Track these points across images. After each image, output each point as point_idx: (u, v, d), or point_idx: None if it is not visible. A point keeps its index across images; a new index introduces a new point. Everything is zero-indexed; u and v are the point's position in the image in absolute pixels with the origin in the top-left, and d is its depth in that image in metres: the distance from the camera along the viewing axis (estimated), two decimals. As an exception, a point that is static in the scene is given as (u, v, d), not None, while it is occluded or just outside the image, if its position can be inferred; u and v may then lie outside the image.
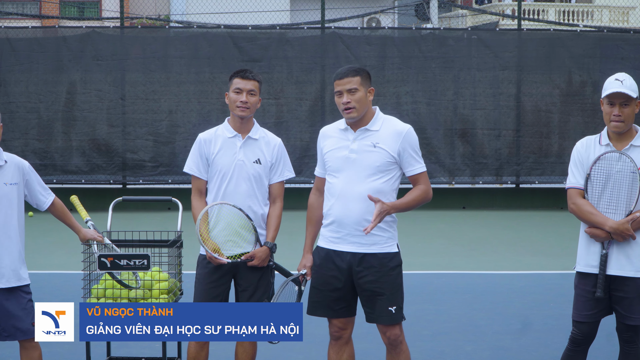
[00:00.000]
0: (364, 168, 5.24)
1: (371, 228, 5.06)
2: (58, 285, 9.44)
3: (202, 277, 5.67)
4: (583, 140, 5.45)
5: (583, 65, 16.61)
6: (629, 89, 5.21)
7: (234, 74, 5.71)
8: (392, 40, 16.70)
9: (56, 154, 16.28)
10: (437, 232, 13.97)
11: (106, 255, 5.56)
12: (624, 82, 5.23)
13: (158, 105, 16.32)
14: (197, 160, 5.72)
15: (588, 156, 5.35)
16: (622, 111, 5.22)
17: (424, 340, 7.30)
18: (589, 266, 5.32)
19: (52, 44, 16.29)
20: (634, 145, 5.28)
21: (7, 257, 5.41)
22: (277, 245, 5.74)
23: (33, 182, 5.59)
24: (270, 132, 5.89)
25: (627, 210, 5.23)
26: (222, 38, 16.41)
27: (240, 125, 5.70)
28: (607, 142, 5.33)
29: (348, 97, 5.22)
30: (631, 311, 5.25)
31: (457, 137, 16.59)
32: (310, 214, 5.50)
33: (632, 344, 5.34)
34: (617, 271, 5.24)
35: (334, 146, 5.35)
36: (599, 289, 5.22)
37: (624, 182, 5.23)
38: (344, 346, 5.42)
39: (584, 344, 5.39)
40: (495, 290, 9.53)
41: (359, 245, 5.26)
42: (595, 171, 5.30)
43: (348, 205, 5.22)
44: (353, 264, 5.26)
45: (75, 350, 6.88)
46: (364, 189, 5.22)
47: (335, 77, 5.30)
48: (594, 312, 5.31)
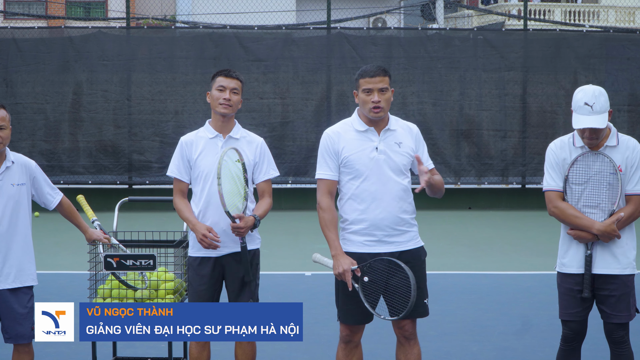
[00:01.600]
0: (393, 168, 5.25)
1: (421, 188, 5.12)
2: (63, 286, 9.46)
3: (192, 279, 5.66)
4: (557, 141, 5.39)
5: (589, 65, 16.59)
6: (600, 114, 5.08)
7: (216, 73, 5.71)
8: (398, 40, 16.70)
9: (63, 155, 16.32)
10: (443, 233, 13.95)
11: (112, 255, 5.57)
12: (594, 106, 5.09)
13: (164, 106, 16.35)
14: (179, 163, 5.71)
15: (564, 158, 5.31)
16: (595, 133, 5.16)
17: (429, 341, 7.30)
18: (572, 266, 5.31)
19: (58, 45, 16.33)
20: (609, 146, 5.25)
21: (14, 258, 5.43)
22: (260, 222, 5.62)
23: (40, 182, 5.61)
24: (252, 132, 5.88)
25: (609, 210, 5.21)
26: (228, 38, 16.43)
27: (221, 125, 5.68)
28: (581, 144, 5.27)
29: (379, 97, 5.22)
30: (618, 309, 5.23)
31: (462, 138, 16.58)
32: (330, 216, 5.25)
33: (623, 344, 5.29)
34: (603, 270, 5.23)
35: (358, 148, 5.28)
36: (586, 289, 5.21)
37: (603, 182, 5.21)
38: (354, 349, 5.40)
39: (575, 341, 5.37)
40: (501, 290, 9.53)
41: (398, 244, 5.27)
42: (573, 172, 5.27)
43: (384, 206, 5.22)
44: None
45: (79, 351, 6.90)
46: (396, 188, 5.24)
47: (363, 75, 5.26)
48: (580, 309, 5.30)
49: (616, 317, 5.25)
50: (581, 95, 5.14)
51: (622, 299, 5.23)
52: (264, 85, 16.42)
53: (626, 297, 5.24)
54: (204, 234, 5.46)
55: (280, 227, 13.56)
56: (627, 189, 5.23)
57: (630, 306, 5.27)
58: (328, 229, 5.25)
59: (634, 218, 5.24)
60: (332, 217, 5.27)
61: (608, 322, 5.29)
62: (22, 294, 5.44)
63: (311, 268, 9.53)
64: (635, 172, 5.22)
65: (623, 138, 5.30)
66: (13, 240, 5.43)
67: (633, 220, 5.25)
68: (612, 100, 17.92)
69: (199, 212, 5.62)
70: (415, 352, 5.35)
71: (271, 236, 12.31)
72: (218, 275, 5.63)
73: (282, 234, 13.07)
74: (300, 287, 9.45)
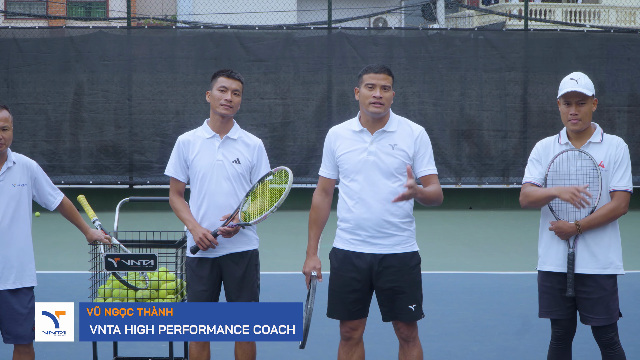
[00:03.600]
0: (383, 170, 5.23)
1: (398, 199, 5.06)
2: (64, 286, 9.46)
3: (191, 280, 5.67)
4: (543, 141, 5.46)
5: (589, 65, 16.59)
6: (584, 88, 5.23)
7: (218, 72, 5.70)
8: (398, 40, 16.71)
9: (64, 155, 16.33)
10: (443, 233, 13.96)
11: (113, 255, 5.58)
12: (578, 80, 5.24)
13: (165, 106, 16.36)
14: (176, 163, 5.73)
15: (547, 155, 5.35)
16: (579, 110, 5.24)
17: (430, 341, 7.30)
18: (553, 265, 5.29)
19: (59, 45, 16.34)
20: (592, 142, 5.29)
21: (15, 259, 5.43)
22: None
23: (42, 182, 5.61)
24: (251, 133, 5.89)
25: (590, 207, 5.19)
26: (228, 38, 16.44)
27: (219, 125, 5.68)
28: (566, 141, 5.33)
29: (381, 93, 5.23)
30: (594, 312, 5.19)
31: (463, 138, 16.58)
32: (315, 214, 5.42)
33: (613, 345, 5.26)
34: (580, 269, 5.20)
35: (349, 148, 5.31)
36: (569, 287, 5.18)
37: (584, 179, 5.22)
38: (354, 347, 5.42)
39: (566, 339, 5.36)
40: (502, 290, 9.53)
41: (381, 246, 5.26)
42: (554, 169, 5.29)
43: (368, 207, 5.22)
44: (374, 264, 5.26)
45: (79, 351, 6.90)
46: (384, 191, 5.22)
47: (367, 70, 5.28)
48: (564, 307, 5.28)
49: (593, 320, 5.22)
50: (567, 76, 5.35)
51: (600, 302, 5.18)
52: (264, 86, 16.42)
53: (604, 300, 5.18)
54: (204, 234, 5.47)
55: (280, 227, 13.55)
56: (611, 185, 5.23)
57: (611, 310, 5.20)
58: (310, 228, 5.42)
59: (616, 214, 5.20)
60: (317, 217, 5.41)
61: (591, 326, 5.27)
62: (22, 294, 5.44)
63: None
64: (618, 168, 5.23)
65: (608, 137, 5.35)
66: (14, 240, 5.42)
67: (615, 216, 5.21)
68: (613, 100, 17.98)
69: (196, 212, 5.63)
70: (414, 354, 5.36)
71: (271, 236, 12.30)
72: (216, 276, 5.64)
73: (283, 234, 13.07)
74: (301, 287, 9.39)
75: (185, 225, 5.67)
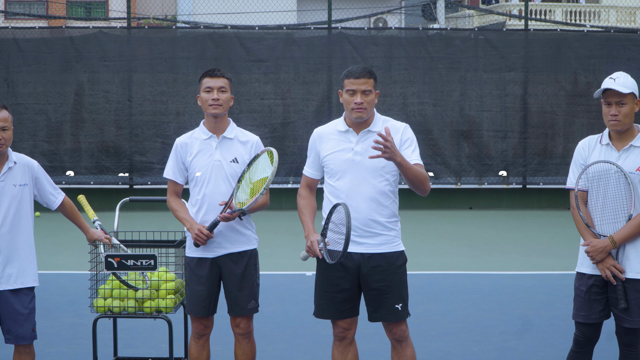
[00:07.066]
0: (369, 170, 5.25)
1: (377, 156, 5.01)
2: (64, 286, 9.47)
3: (190, 279, 5.68)
4: (585, 140, 5.45)
5: (589, 66, 16.59)
6: (621, 86, 5.18)
7: (202, 75, 5.72)
8: (398, 40, 16.71)
9: (65, 156, 16.34)
10: (443, 233, 13.96)
11: (113, 255, 5.58)
12: (617, 79, 5.21)
13: (165, 107, 16.37)
14: (174, 166, 5.76)
15: (588, 156, 5.35)
16: (619, 110, 5.19)
17: (430, 341, 7.31)
18: (590, 267, 5.29)
19: (59, 45, 16.35)
20: (633, 146, 5.26)
21: (16, 259, 5.43)
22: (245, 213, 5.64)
23: (43, 182, 5.61)
24: (247, 131, 5.89)
25: (627, 216, 5.19)
26: (229, 38, 16.44)
27: (215, 125, 5.70)
28: (607, 141, 5.32)
29: (362, 98, 5.23)
30: (629, 314, 5.21)
31: (463, 138, 16.58)
32: (304, 201, 5.43)
33: (632, 347, 5.29)
34: (632, 274, 5.19)
35: (335, 148, 5.35)
36: (622, 300, 5.16)
37: (620, 188, 5.20)
38: (348, 346, 5.43)
39: (587, 345, 5.36)
40: (502, 290, 9.53)
41: (368, 246, 5.27)
42: (590, 173, 5.28)
43: (355, 206, 5.22)
44: (361, 264, 5.27)
45: (79, 351, 6.91)
46: (370, 190, 5.24)
47: (348, 75, 5.26)
48: (588, 313, 5.29)
49: (627, 322, 5.23)
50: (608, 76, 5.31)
51: (637, 305, 5.19)
52: (264, 86, 16.43)
53: (638, 301, 5.20)
54: (199, 229, 5.49)
55: (280, 227, 13.56)
56: None
57: None
58: (302, 213, 5.40)
59: None
60: (307, 204, 5.43)
61: (619, 325, 5.29)
62: (23, 295, 5.44)
63: (312, 268, 9.49)
64: None
65: None
66: (15, 241, 5.43)
67: None
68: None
69: (195, 213, 5.64)
70: (407, 354, 5.37)
71: (272, 236, 12.32)
72: (215, 276, 5.64)
73: (283, 234, 13.08)
74: (301, 287, 9.45)
75: (183, 224, 5.68)
